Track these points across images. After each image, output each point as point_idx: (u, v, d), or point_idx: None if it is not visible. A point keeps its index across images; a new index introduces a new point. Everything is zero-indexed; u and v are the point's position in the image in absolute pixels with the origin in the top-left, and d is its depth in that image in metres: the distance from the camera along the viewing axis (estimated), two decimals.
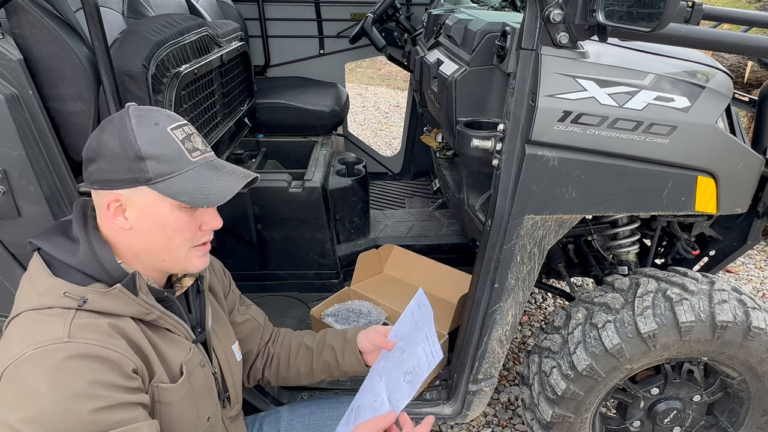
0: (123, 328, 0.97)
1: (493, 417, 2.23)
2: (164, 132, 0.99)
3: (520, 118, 1.33)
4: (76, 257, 0.98)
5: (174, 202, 0.98)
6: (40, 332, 0.90)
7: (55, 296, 0.93)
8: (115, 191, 0.97)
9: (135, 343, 0.98)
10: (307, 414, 1.44)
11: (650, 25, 1.09)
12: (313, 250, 2.33)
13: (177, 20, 1.69)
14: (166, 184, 0.97)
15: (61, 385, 0.86)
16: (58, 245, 1.00)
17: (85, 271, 0.98)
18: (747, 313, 1.47)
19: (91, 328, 0.92)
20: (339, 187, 2.37)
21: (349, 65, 3.43)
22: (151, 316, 1.02)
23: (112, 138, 0.96)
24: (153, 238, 1.01)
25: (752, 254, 3.39)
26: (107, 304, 0.96)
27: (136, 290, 0.99)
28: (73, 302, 0.93)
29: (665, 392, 1.65)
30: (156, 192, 0.97)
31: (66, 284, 0.94)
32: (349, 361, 1.36)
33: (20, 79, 1.28)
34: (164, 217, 0.99)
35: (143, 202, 0.98)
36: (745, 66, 3.49)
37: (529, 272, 1.52)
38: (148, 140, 0.97)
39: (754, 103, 1.73)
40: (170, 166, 0.98)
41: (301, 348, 1.41)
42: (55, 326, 0.90)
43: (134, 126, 0.96)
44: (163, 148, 0.98)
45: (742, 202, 1.51)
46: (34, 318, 0.92)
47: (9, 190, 1.32)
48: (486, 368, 1.65)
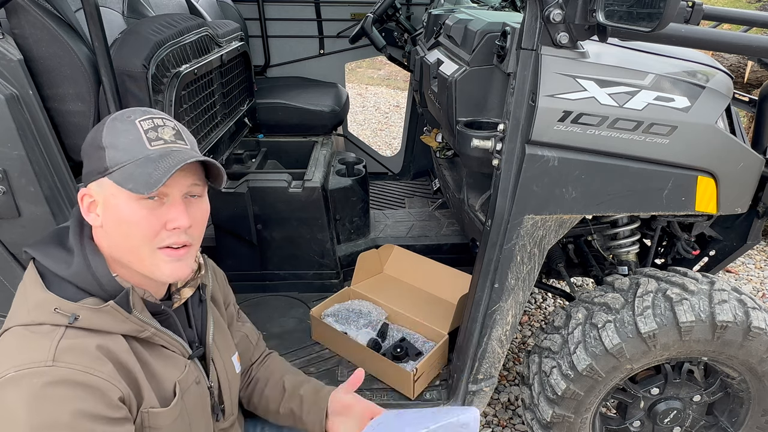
0: (112, 350, 0.92)
1: (493, 417, 2.23)
2: (130, 123, 0.96)
3: (520, 118, 1.33)
4: (69, 269, 0.94)
5: (130, 194, 0.92)
6: (25, 352, 0.86)
7: (46, 312, 0.90)
8: (88, 185, 0.96)
9: (124, 366, 0.93)
10: None
11: (650, 25, 1.09)
12: (313, 250, 2.33)
13: (177, 20, 1.69)
14: (119, 173, 0.92)
15: (41, 412, 0.82)
16: (53, 256, 0.96)
17: (78, 285, 0.94)
18: (747, 313, 1.47)
19: (77, 352, 0.88)
20: (339, 187, 2.37)
21: (349, 65, 3.43)
22: (145, 333, 0.98)
23: (89, 134, 0.98)
24: (115, 235, 0.96)
25: (752, 254, 3.39)
26: (99, 322, 0.92)
27: (129, 308, 0.95)
28: (63, 319, 0.89)
29: (665, 392, 1.65)
30: (113, 183, 0.93)
31: (57, 299, 0.91)
32: (311, 420, 1.24)
33: (20, 79, 1.28)
34: (121, 209, 0.93)
35: (105, 195, 0.94)
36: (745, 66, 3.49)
37: (529, 272, 1.52)
38: (110, 131, 0.95)
39: (754, 103, 1.74)
40: (126, 154, 0.93)
41: (279, 383, 1.32)
42: (41, 347, 0.86)
43: (108, 120, 0.97)
44: (122, 137, 0.94)
45: (742, 202, 1.51)
46: (23, 335, 0.89)
47: (9, 190, 1.32)
48: (486, 368, 1.65)
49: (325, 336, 1.99)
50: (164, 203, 0.96)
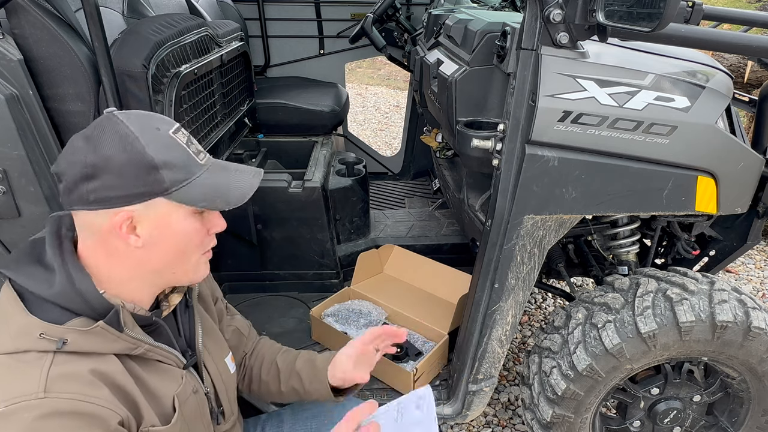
0: (106, 372, 0.88)
1: (493, 417, 2.23)
2: (169, 137, 0.91)
3: (520, 118, 1.33)
4: (52, 289, 0.87)
5: (188, 210, 0.92)
6: (13, 384, 0.80)
7: (31, 338, 0.83)
8: (125, 208, 0.88)
9: (120, 388, 0.89)
10: (310, 418, 1.42)
11: (650, 25, 1.09)
12: (313, 250, 2.33)
13: (177, 20, 1.69)
14: (183, 192, 0.90)
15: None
16: (31, 275, 0.89)
17: (62, 305, 0.88)
18: (747, 313, 1.47)
19: (70, 379, 0.83)
20: (339, 187, 2.37)
21: (349, 65, 3.42)
22: (138, 350, 0.94)
23: (115, 149, 0.86)
24: (167, 252, 0.94)
25: (752, 254, 3.39)
26: (89, 344, 0.87)
27: (120, 326, 0.90)
28: (50, 344, 0.84)
29: (665, 392, 1.65)
30: (172, 202, 0.90)
31: (42, 324, 0.85)
32: (316, 391, 1.29)
33: (20, 79, 1.28)
34: (180, 226, 0.93)
35: (157, 215, 0.90)
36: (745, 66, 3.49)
37: (529, 272, 1.52)
38: (157, 148, 0.89)
39: (754, 103, 1.73)
40: (184, 172, 0.91)
41: (272, 366, 1.34)
42: (31, 377, 0.81)
43: (137, 133, 0.88)
44: (173, 154, 0.90)
45: (742, 202, 1.51)
46: (8, 365, 0.83)
47: (9, 190, 1.32)
48: (486, 368, 1.65)
49: (325, 336, 1.99)
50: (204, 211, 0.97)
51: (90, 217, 0.89)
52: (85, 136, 0.88)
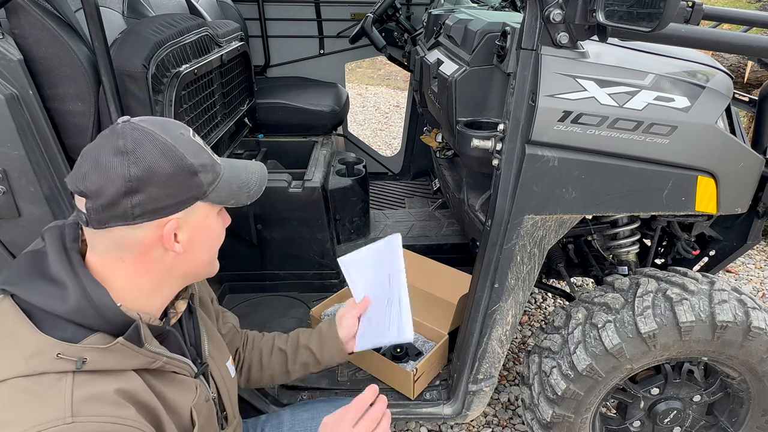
0: (130, 391, 0.86)
1: (493, 417, 2.23)
2: (193, 141, 0.92)
3: (520, 118, 1.33)
4: (66, 305, 0.83)
5: (215, 210, 0.95)
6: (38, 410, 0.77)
7: (47, 359, 0.80)
8: (172, 216, 0.88)
9: (144, 405, 0.88)
10: (309, 419, 1.42)
11: (650, 25, 1.09)
12: (313, 250, 2.33)
13: (177, 20, 1.69)
14: (215, 193, 0.92)
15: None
16: (39, 291, 0.84)
17: (77, 321, 0.84)
18: (747, 313, 1.47)
19: (96, 401, 0.80)
20: (339, 187, 2.37)
21: (349, 65, 3.42)
22: (156, 364, 0.92)
23: (161, 160, 0.85)
24: (203, 253, 0.96)
25: (752, 254, 3.39)
26: (109, 362, 0.84)
27: (141, 341, 0.88)
28: (69, 365, 0.80)
29: (665, 392, 1.65)
30: (207, 204, 0.92)
31: (57, 343, 0.81)
32: (330, 356, 1.37)
33: (20, 79, 1.28)
34: (213, 227, 0.96)
35: (197, 219, 0.92)
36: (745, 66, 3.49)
37: (529, 272, 1.52)
38: (191, 152, 0.89)
39: (754, 103, 1.73)
40: (212, 174, 0.92)
41: (274, 351, 1.38)
42: (55, 401, 0.78)
43: (170, 140, 0.87)
44: (204, 155, 0.92)
45: (742, 202, 1.51)
46: (27, 389, 0.79)
47: (9, 190, 1.32)
48: (486, 368, 1.65)
49: None
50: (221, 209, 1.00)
51: (128, 231, 0.86)
52: (118, 150, 0.84)
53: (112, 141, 0.85)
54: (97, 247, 0.89)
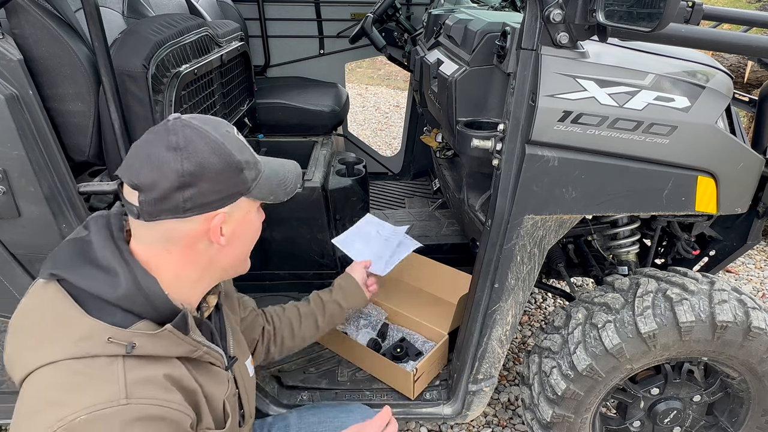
0: (176, 377, 0.89)
1: (493, 417, 2.23)
2: (237, 138, 0.96)
3: (520, 118, 1.33)
4: (117, 292, 0.86)
5: (255, 205, 0.99)
6: (91, 391, 0.80)
7: (99, 343, 0.82)
8: (219, 210, 0.92)
9: (188, 391, 0.91)
10: (316, 423, 1.45)
11: (650, 25, 1.09)
12: (313, 250, 2.33)
13: (177, 20, 1.69)
14: (257, 189, 0.96)
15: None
16: (90, 276, 0.87)
17: (126, 308, 0.87)
18: (747, 313, 1.47)
19: (148, 385, 0.84)
20: (339, 187, 2.37)
21: (349, 65, 3.43)
22: (197, 353, 0.95)
23: (211, 156, 0.89)
24: (243, 246, 1.01)
25: (752, 254, 3.39)
26: (156, 348, 0.87)
27: (186, 329, 0.92)
28: (119, 349, 0.83)
29: (665, 392, 1.65)
30: (249, 199, 0.96)
31: (108, 328, 0.84)
32: (354, 303, 1.61)
33: (20, 79, 1.28)
34: (253, 221, 1.00)
35: (241, 214, 0.96)
36: (745, 66, 3.49)
37: (529, 272, 1.52)
38: (236, 149, 0.93)
39: (754, 103, 1.73)
40: (255, 170, 0.96)
41: (303, 317, 1.52)
42: (109, 382, 0.81)
43: (220, 138, 0.91)
44: (247, 152, 0.96)
45: (742, 202, 1.51)
46: (78, 371, 0.81)
47: (9, 190, 1.32)
48: (486, 368, 1.65)
49: (325, 336, 1.98)
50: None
51: (177, 225, 0.90)
52: (171, 146, 0.87)
53: (165, 137, 0.89)
54: (144, 238, 0.92)
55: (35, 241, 1.39)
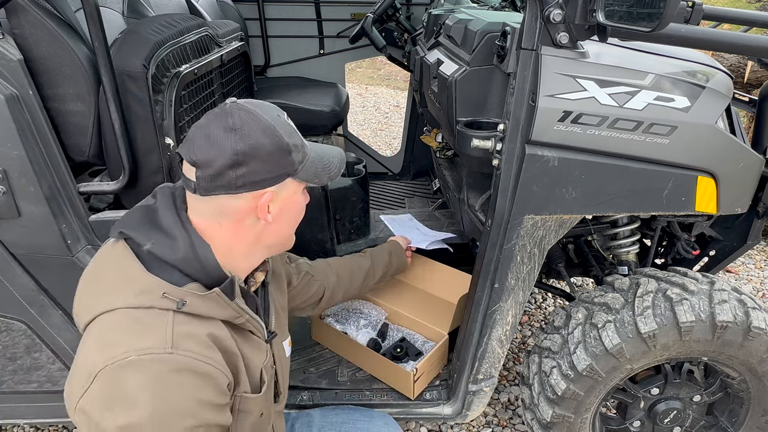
0: (219, 337, 0.96)
1: (493, 417, 2.23)
2: (287, 123, 1.02)
3: (520, 118, 1.33)
4: (176, 255, 0.95)
5: (301, 187, 1.06)
6: (143, 336, 0.88)
7: (155, 296, 0.91)
8: (267, 189, 0.99)
9: (228, 352, 0.98)
10: (339, 423, 1.49)
11: (650, 25, 1.09)
12: (313, 250, 2.32)
13: (177, 20, 1.69)
14: (303, 171, 1.03)
15: (162, 397, 0.86)
16: (155, 239, 0.96)
17: (182, 269, 0.96)
18: (747, 313, 1.47)
19: (193, 339, 0.91)
20: (339, 187, 2.37)
21: (349, 65, 3.42)
22: (240, 320, 1.02)
23: (263, 138, 0.96)
24: (288, 226, 1.08)
25: (752, 254, 3.39)
26: (204, 308, 0.95)
27: (233, 295, 0.99)
28: (171, 304, 0.91)
29: (665, 392, 1.65)
30: (296, 181, 1.03)
31: (165, 284, 0.92)
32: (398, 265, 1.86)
33: (20, 79, 1.28)
34: (299, 202, 1.08)
35: (288, 193, 1.03)
36: (745, 66, 3.49)
37: (529, 272, 1.52)
38: (286, 133, 1.00)
39: (754, 103, 1.73)
40: (302, 153, 1.03)
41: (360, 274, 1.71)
42: (158, 331, 0.89)
43: (272, 122, 0.98)
44: (296, 136, 1.03)
45: (742, 202, 1.51)
46: (135, 317, 0.90)
47: (9, 190, 1.32)
48: (486, 368, 1.65)
49: (325, 336, 1.99)
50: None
51: (229, 200, 0.98)
52: (228, 127, 0.95)
53: (223, 119, 0.97)
54: (199, 211, 1.00)
55: (35, 241, 1.39)
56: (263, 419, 1.14)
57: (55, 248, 1.40)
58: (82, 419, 0.87)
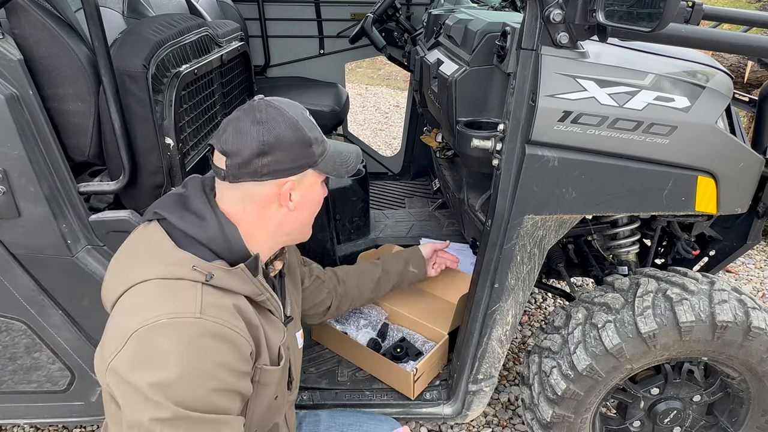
0: (243, 308, 1.03)
1: (493, 417, 2.23)
2: (309, 119, 1.11)
3: (520, 118, 1.33)
4: (206, 233, 1.04)
5: (320, 178, 1.14)
6: (174, 302, 0.95)
7: (186, 269, 0.99)
8: (289, 178, 1.07)
9: (251, 324, 1.05)
10: (347, 424, 1.52)
11: (650, 25, 1.09)
12: (313, 250, 2.32)
13: (177, 20, 1.69)
14: (324, 164, 1.11)
15: (191, 358, 0.92)
16: (186, 219, 1.05)
17: (210, 247, 1.04)
18: (747, 313, 1.47)
19: (219, 307, 0.98)
20: (339, 187, 2.37)
21: (349, 65, 3.42)
22: (261, 297, 1.09)
23: (287, 131, 1.05)
24: (307, 215, 1.16)
25: (752, 254, 3.39)
26: (229, 282, 1.02)
27: (256, 272, 1.07)
28: (200, 276, 0.99)
29: (665, 392, 1.65)
30: (316, 172, 1.11)
31: (195, 258, 1.00)
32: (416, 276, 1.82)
33: (20, 79, 1.28)
34: (318, 193, 1.16)
35: (308, 184, 1.11)
36: (745, 66, 3.49)
37: (529, 272, 1.52)
38: (308, 127, 1.08)
39: (754, 103, 1.73)
40: (322, 146, 1.11)
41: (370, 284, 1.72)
42: (189, 299, 0.96)
43: (295, 117, 1.07)
44: (316, 131, 1.11)
45: (742, 202, 1.51)
46: (167, 286, 0.97)
47: (9, 190, 1.32)
48: (486, 368, 1.65)
49: (325, 336, 1.99)
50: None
51: (255, 187, 1.06)
52: (255, 120, 1.04)
53: (251, 113, 1.05)
54: (227, 198, 1.09)
55: (35, 241, 1.39)
56: (278, 402, 1.20)
57: (55, 248, 1.40)
58: (113, 379, 0.93)
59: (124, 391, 0.92)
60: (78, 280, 1.44)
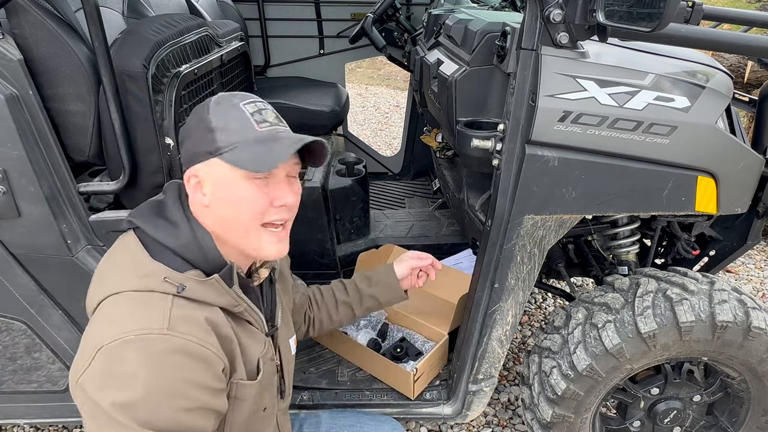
0: (215, 322, 0.99)
1: (493, 417, 2.23)
2: (235, 106, 1.02)
3: (520, 118, 1.33)
4: (178, 241, 1.00)
5: (242, 173, 0.99)
6: (142, 317, 0.91)
7: (157, 280, 0.95)
8: (194, 166, 1.01)
9: (225, 338, 1.00)
10: (348, 425, 1.51)
11: (650, 25, 1.09)
12: (313, 250, 2.33)
13: (177, 20, 1.69)
14: (231, 153, 0.99)
15: (158, 376, 0.88)
16: (160, 227, 1.01)
17: (184, 256, 0.99)
18: (747, 313, 1.47)
19: (189, 322, 0.94)
20: (339, 187, 2.37)
21: (349, 65, 3.42)
22: (238, 308, 1.04)
23: (192, 117, 1.03)
24: (226, 213, 1.02)
25: (752, 254, 3.39)
26: (203, 294, 0.98)
27: (231, 282, 1.02)
28: (172, 288, 0.95)
29: (665, 392, 1.65)
30: (225, 163, 0.99)
31: (166, 269, 0.96)
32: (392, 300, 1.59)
33: (20, 79, 1.28)
34: (233, 188, 1.00)
35: (217, 175, 1.00)
36: (745, 66, 3.49)
37: (529, 272, 1.52)
38: (217, 114, 1.01)
39: (754, 103, 1.73)
40: (237, 135, 0.99)
41: (340, 306, 1.57)
42: (157, 314, 0.92)
43: (211, 105, 1.02)
44: (231, 119, 1.00)
45: (742, 202, 1.51)
46: (137, 299, 0.94)
47: (9, 190, 1.32)
48: (486, 368, 1.65)
49: (325, 336, 1.99)
50: (270, 182, 1.03)
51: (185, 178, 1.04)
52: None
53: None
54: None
55: (35, 241, 1.39)
56: (266, 414, 1.16)
57: (55, 248, 1.40)
58: (78, 393, 0.90)
59: (90, 410, 0.89)
60: (78, 280, 1.44)
